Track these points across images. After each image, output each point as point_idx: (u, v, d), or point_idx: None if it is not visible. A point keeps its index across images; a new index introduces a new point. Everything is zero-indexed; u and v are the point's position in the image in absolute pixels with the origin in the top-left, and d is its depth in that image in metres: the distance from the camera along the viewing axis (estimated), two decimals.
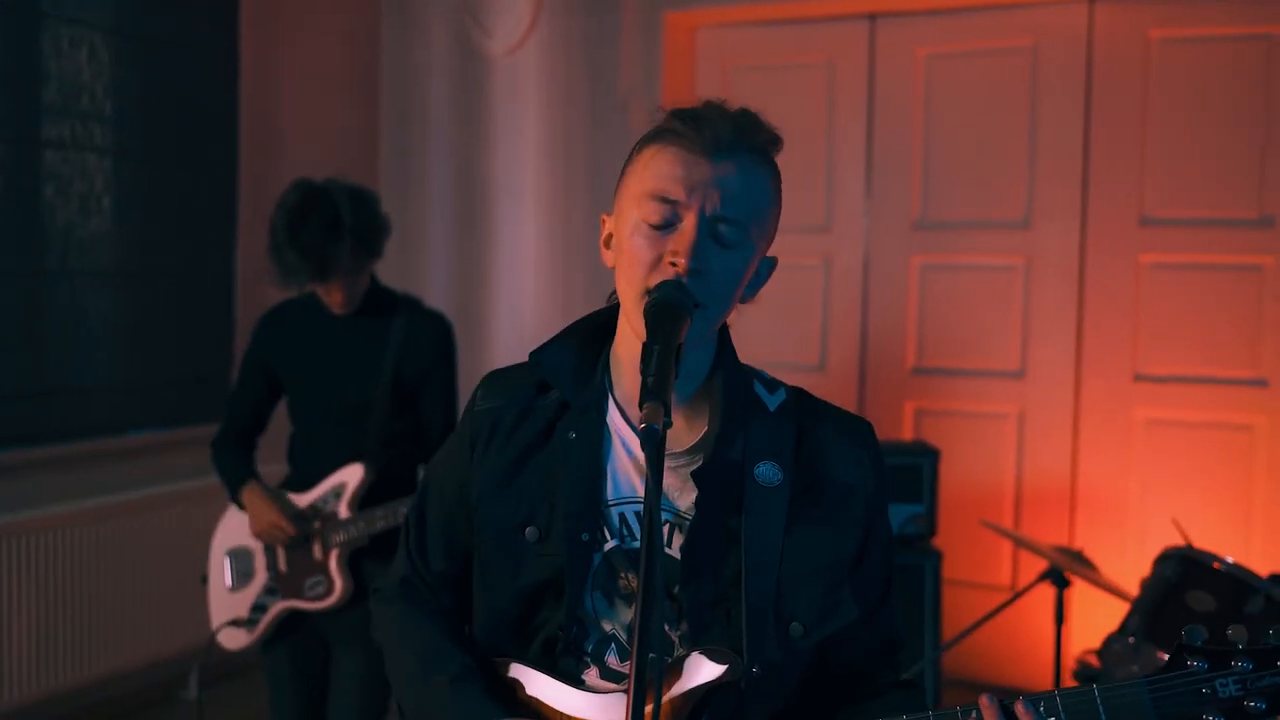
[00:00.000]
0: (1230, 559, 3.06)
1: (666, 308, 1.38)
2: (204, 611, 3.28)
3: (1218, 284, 4.41)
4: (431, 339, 3.08)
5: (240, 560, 3.14)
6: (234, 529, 3.17)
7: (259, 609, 3.09)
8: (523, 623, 1.54)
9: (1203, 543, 3.44)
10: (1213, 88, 4.40)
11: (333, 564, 2.99)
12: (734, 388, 1.52)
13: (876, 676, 1.56)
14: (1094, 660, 3.18)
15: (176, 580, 4.39)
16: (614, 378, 1.55)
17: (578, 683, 1.50)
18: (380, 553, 3.01)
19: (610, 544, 1.50)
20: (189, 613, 4.19)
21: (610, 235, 1.54)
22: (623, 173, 1.53)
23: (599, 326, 1.60)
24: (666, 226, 1.43)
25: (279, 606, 3.07)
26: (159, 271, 4.62)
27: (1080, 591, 4.24)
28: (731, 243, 1.43)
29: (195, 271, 4.78)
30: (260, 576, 3.11)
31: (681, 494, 1.49)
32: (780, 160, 1.50)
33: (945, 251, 4.81)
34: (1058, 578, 3.20)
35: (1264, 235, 4.33)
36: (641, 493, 1.49)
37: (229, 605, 3.14)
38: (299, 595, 3.04)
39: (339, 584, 2.99)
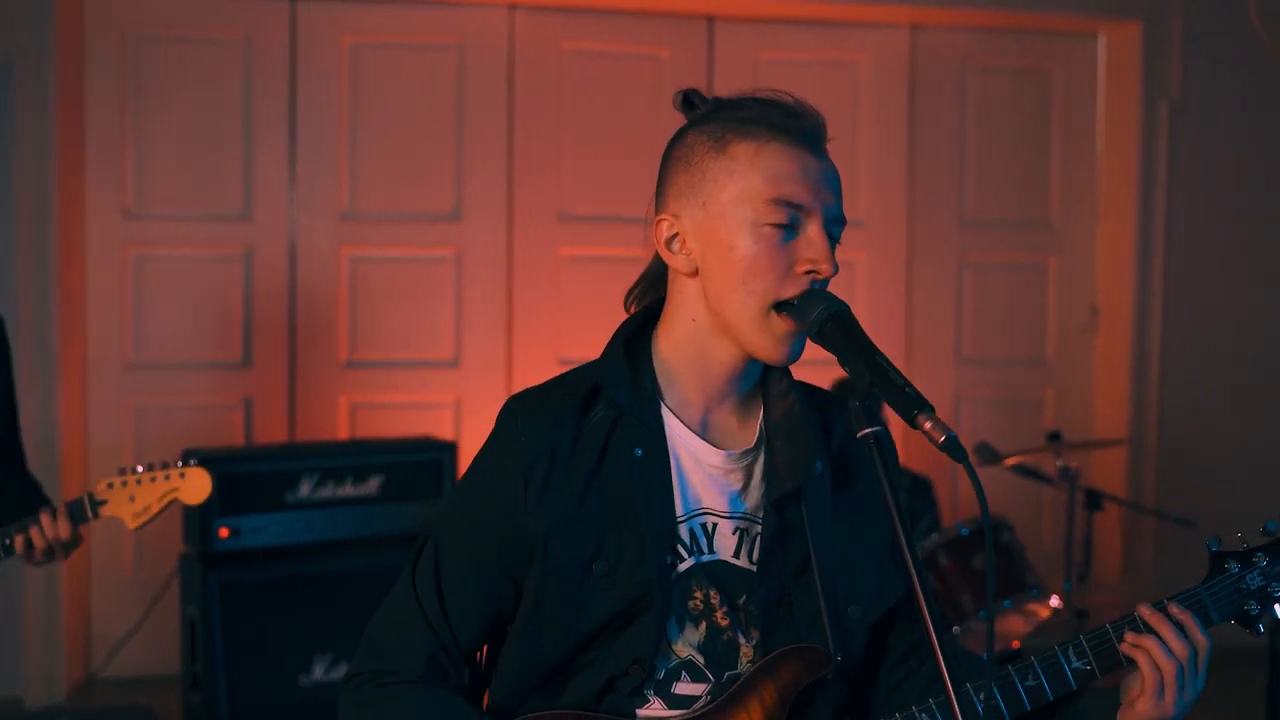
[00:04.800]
0: None
1: (843, 317, 1.35)
2: None
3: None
4: None
5: None
6: None
7: None
8: (561, 671, 1.43)
9: None
10: (616, 97, 4.89)
11: None
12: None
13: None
14: None
15: None
16: (664, 385, 1.48)
17: None
18: None
19: (688, 562, 1.44)
20: None
21: (676, 235, 1.45)
22: (693, 167, 1.44)
23: (633, 334, 1.52)
24: (789, 230, 1.39)
25: None
26: None
27: None
28: (838, 242, 1.43)
29: None
30: None
31: (747, 495, 1.47)
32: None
33: (375, 243, 4.77)
34: None
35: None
36: (707, 504, 1.45)
37: None
38: None
39: None
